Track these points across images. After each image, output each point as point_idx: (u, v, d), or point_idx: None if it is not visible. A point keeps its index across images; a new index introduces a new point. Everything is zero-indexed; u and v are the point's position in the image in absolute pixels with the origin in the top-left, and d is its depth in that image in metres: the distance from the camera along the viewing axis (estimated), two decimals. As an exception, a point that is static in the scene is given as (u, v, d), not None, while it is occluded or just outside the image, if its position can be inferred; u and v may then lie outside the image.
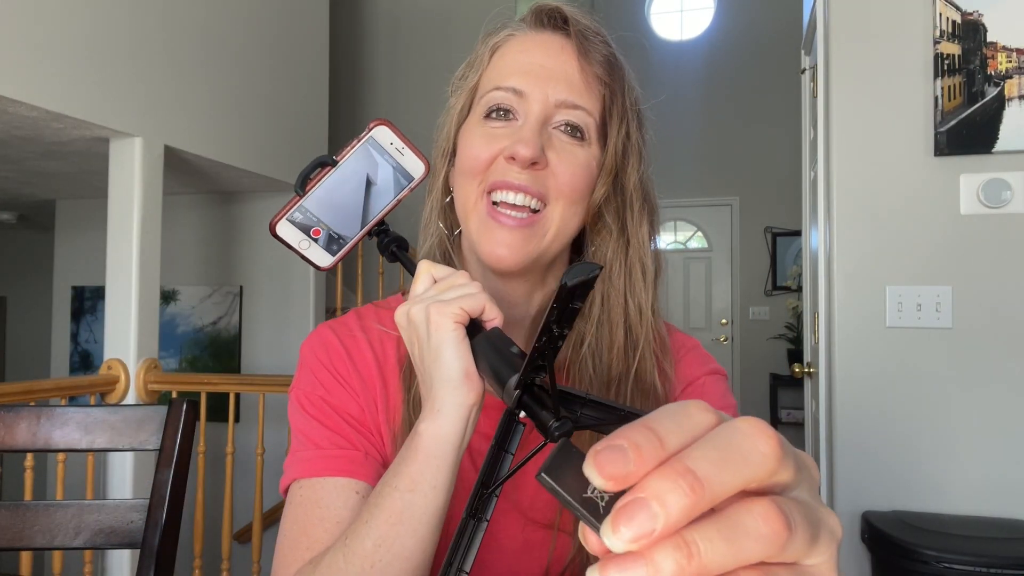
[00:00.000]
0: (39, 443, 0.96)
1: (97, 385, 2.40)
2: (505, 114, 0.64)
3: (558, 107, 0.63)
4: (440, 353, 0.52)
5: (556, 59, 0.64)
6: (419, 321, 0.53)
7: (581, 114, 0.64)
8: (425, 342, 0.53)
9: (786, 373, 5.59)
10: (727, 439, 0.23)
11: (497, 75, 0.66)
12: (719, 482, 0.21)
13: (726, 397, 0.69)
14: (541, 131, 0.63)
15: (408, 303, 0.55)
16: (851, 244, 1.87)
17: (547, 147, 0.62)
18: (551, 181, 0.63)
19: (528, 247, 0.63)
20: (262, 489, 2.54)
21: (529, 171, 0.62)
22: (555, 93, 0.63)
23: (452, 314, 0.52)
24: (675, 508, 0.21)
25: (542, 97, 0.63)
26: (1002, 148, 1.76)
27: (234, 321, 3.74)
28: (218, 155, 2.88)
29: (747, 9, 6.15)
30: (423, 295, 0.55)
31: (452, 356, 0.51)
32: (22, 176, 3.29)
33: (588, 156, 0.64)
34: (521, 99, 0.64)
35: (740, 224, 6.15)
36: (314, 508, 0.61)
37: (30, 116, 2.21)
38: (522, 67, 0.64)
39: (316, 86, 3.66)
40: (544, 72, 0.64)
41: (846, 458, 1.85)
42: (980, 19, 1.79)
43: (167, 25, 2.63)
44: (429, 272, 0.56)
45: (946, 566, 1.53)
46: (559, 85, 0.63)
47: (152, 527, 0.94)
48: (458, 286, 0.54)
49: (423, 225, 0.73)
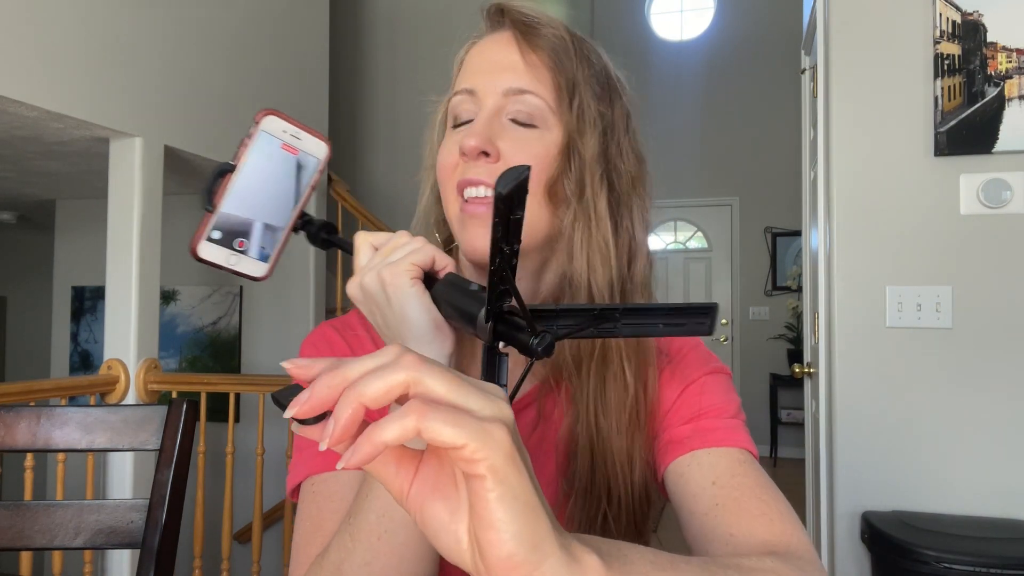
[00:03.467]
0: (39, 443, 0.96)
1: (97, 385, 2.41)
2: (466, 123, 0.66)
3: (507, 95, 0.64)
4: (405, 313, 0.52)
5: (503, 52, 0.66)
6: (374, 289, 0.53)
7: (530, 98, 0.64)
8: (386, 307, 0.53)
9: (786, 373, 5.59)
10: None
11: (458, 82, 0.69)
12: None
13: (728, 395, 0.67)
14: (492, 122, 0.63)
15: (357, 275, 0.55)
16: (851, 244, 1.87)
17: (500, 138, 0.63)
18: None
19: None
20: (262, 489, 2.54)
21: (484, 164, 0.62)
22: (501, 83, 0.64)
23: (406, 271, 0.52)
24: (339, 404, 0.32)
25: (491, 89, 0.64)
26: (1002, 148, 1.76)
27: (234, 321, 3.74)
28: (218, 155, 2.88)
29: (747, 9, 6.15)
30: (369, 264, 0.55)
31: (418, 311, 0.52)
32: (22, 176, 3.29)
33: (544, 142, 0.63)
34: (474, 98, 0.65)
35: (740, 224, 6.15)
36: (327, 502, 0.61)
37: (30, 116, 2.21)
38: (474, 67, 0.67)
39: (316, 86, 3.66)
40: (491, 66, 0.65)
41: (846, 458, 1.85)
42: (980, 19, 1.79)
43: (167, 25, 2.63)
44: (367, 242, 0.56)
45: (946, 566, 1.53)
46: (504, 75, 0.64)
47: (152, 527, 0.94)
48: (402, 245, 0.54)
49: None
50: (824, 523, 1.96)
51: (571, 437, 0.64)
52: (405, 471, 0.35)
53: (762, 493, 0.58)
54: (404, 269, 0.52)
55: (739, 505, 0.57)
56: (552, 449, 0.66)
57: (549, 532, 0.33)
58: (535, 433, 0.66)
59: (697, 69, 6.14)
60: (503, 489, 0.31)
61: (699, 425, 0.63)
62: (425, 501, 0.34)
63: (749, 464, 0.61)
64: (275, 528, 3.34)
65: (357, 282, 0.55)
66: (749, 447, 0.63)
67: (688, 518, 0.60)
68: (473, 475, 0.31)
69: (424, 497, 0.34)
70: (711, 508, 0.58)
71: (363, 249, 0.56)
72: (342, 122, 4.40)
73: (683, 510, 0.61)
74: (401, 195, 4.39)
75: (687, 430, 0.63)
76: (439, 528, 0.34)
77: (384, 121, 4.52)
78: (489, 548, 0.32)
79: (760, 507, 0.57)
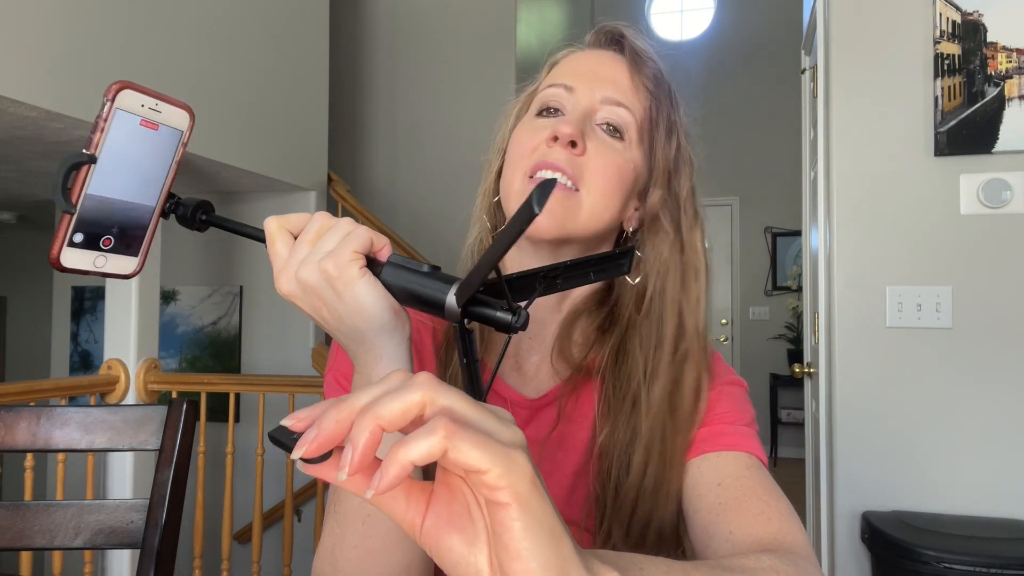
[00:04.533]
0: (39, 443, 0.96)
1: (97, 385, 2.41)
2: (554, 112, 0.69)
3: (603, 103, 0.67)
4: (360, 304, 0.48)
5: (608, 66, 0.70)
6: (317, 283, 0.49)
7: (624, 112, 0.68)
8: (336, 301, 0.49)
9: (786, 373, 5.59)
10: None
11: (552, 78, 0.72)
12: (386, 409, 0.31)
13: (743, 405, 0.69)
14: (585, 121, 0.66)
15: (289, 269, 0.49)
16: (851, 244, 1.87)
17: (587, 137, 0.66)
18: (587, 168, 0.65)
19: (564, 215, 0.64)
20: (262, 489, 2.54)
21: (568, 152, 0.64)
22: (602, 90, 0.68)
23: (351, 261, 0.48)
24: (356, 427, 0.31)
25: (589, 92, 0.68)
26: (1002, 148, 1.76)
27: (234, 321, 3.74)
28: (218, 155, 2.88)
29: (747, 9, 6.15)
30: (300, 255, 0.49)
31: (374, 301, 0.49)
32: (22, 176, 3.29)
33: (625, 155, 0.67)
34: (570, 94, 0.68)
35: (740, 224, 6.15)
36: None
37: (30, 116, 2.21)
38: (574, 70, 0.70)
39: (316, 86, 3.66)
40: (594, 74, 0.69)
41: (846, 458, 1.85)
42: (980, 19, 1.79)
43: (167, 25, 2.63)
44: (282, 227, 0.51)
45: (946, 566, 1.53)
46: (606, 84, 0.68)
47: (152, 527, 0.94)
48: (333, 229, 0.49)
49: (472, 221, 0.76)
50: (824, 523, 1.96)
51: (614, 443, 0.65)
52: (416, 504, 0.34)
53: (764, 494, 0.59)
54: (348, 258, 0.48)
55: (740, 505, 0.58)
56: (574, 449, 0.67)
57: (573, 556, 0.32)
58: (555, 432, 0.68)
59: (697, 69, 6.14)
60: (529, 518, 0.30)
61: (712, 430, 0.65)
62: (440, 534, 0.33)
63: (756, 468, 0.62)
64: (275, 528, 3.34)
65: (292, 276, 0.49)
66: (758, 454, 0.64)
67: (692, 516, 0.61)
68: (497, 503, 0.30)
69: (439, 530, 0.33)
70: (714, 507, 0.59)
71: (279, 237, 0.50)
72: (342, 122, 4.40)
73: (688, 509, 0.62)
74: (401, 195, 4.39)
75: (700, 435, 0.65)
76: (457, 560, 0.33)
77: (384, 121, 4.52)
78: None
79: (760, 506, 0.58)
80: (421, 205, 4.28)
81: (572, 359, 0.70)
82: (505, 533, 0.31)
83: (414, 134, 4.41)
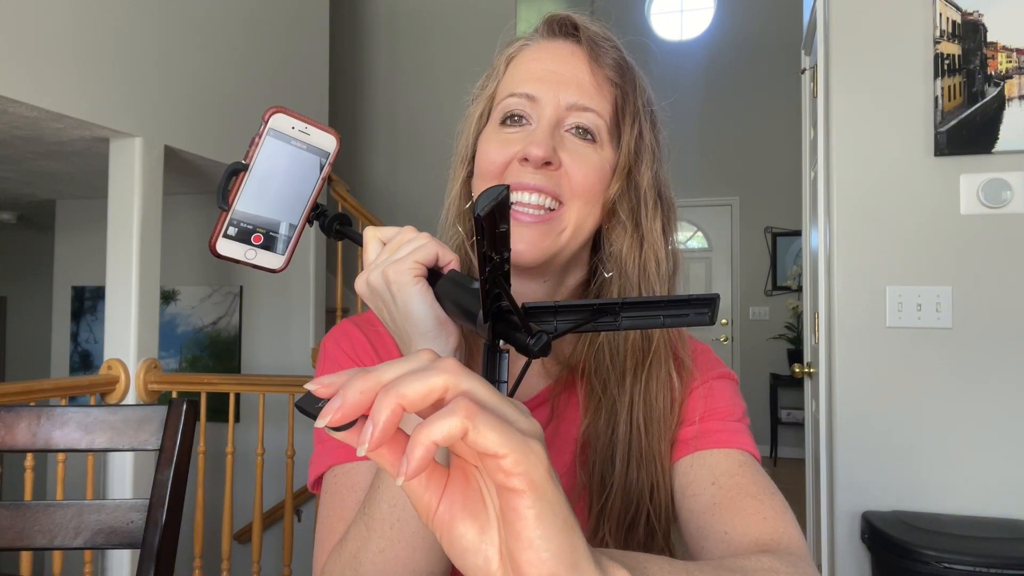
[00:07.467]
0: (39, 443, 0.96)
1: (97, 385, 2.41)
2: (519, 120, 0.66)
3: (569, 110, 0.65)
4: (409, 309, 0.54)
5: (567, 65, 0.67)
6: (380, 286, 0.55)
7: (592, 116, 0.65)
8: (392, 304, 0.55)
9: (786, 373, 5.59)
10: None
11: (512, 83, 0.68)
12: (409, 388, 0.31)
13: (733, 399, 0.69)
14: (553, 133, 0.65)
15: (365, 272, 0.56)
16: (851, 244, 1.87)
17: (559, 149, 0.64)
18: (565, 181, 0.64)
19: (545, 242, 0.64)
20: (262, 489, 2.54)
21: (543, 171, 0.63)
22: (566, 97, 0.65)
23: (409, 269, 0.54)
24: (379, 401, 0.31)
25: (554, 101, 0.65)
26: (1002, 148, 1.76)
27: (234, 321, 3.74)
28: (218, 155, 2.89)
29: (747, 9, 6.15)
30: (376, 260, 0.56)
31: (421, 308, 0.53)
32: (22, 176, 3.29)
33: (600, 157, 0.66)
34: (534, 104, 0.66)
35: (740, 224, 6.15)
36: (350, 493, 0.62)
37: (30, 116, 2.21)
38: (535, 74, 0.67)
39: (316, 85, 3.66)
40: (555, 77, 0.66)
41: (846, 458, 1.85)
42: (980, 19, 1.79)
43: (168, 25, 2.63)
44: (376, 237, 0.58)
45: (946, 566, 1.53)
46: (570, 89, 0.65)
47: (152, 527, 0.94)
48: (408, 241, 0.55)
49: (439, 230, 0.74)
50: (824, 523, 1.96)
51: (596, 435, 0.65)
52: (434, 487, 0.33)
53: (758, 492, 0.59)
54: (408, 267, 0.53)
55: (735, 504, 0.58)
56: (566, 445, 0.68)
57: (584, 549, 0.32)
58: (548, 429, 0.68)
59: (697, 69, 6.14)
60: (543, 506, 0.30)
61: (703, 427, 0.65)
62: (454, 520, 0.33)
63: (749, 465, 0.62)
64: (275, 528, 3.34)
65: (364, 279, 0.56)
66: (751, 449, 0.64)
67: (687, 516, 0.62)
68: (510, 489, 0.30)
69: (453, 516, 0.33)
70: (708, 507, 0.59)
71: (372, 245, 0.57)
72: (342, 122, 4.40)
73: (682, 509, 0.62)
74: (401, 195, 4.39)
75: (691, 432, 0.65)
76: (467, 548, 0.33)
77: (384, 121, 4.52)
78: (528, 568, 0.30)
79: (755, 505, 0.58)
80: (421, 205, 4.28)
81: (562, 356, 0.70)
82: (518, 521, 0.30)
83: (414, 134, 4.42)
